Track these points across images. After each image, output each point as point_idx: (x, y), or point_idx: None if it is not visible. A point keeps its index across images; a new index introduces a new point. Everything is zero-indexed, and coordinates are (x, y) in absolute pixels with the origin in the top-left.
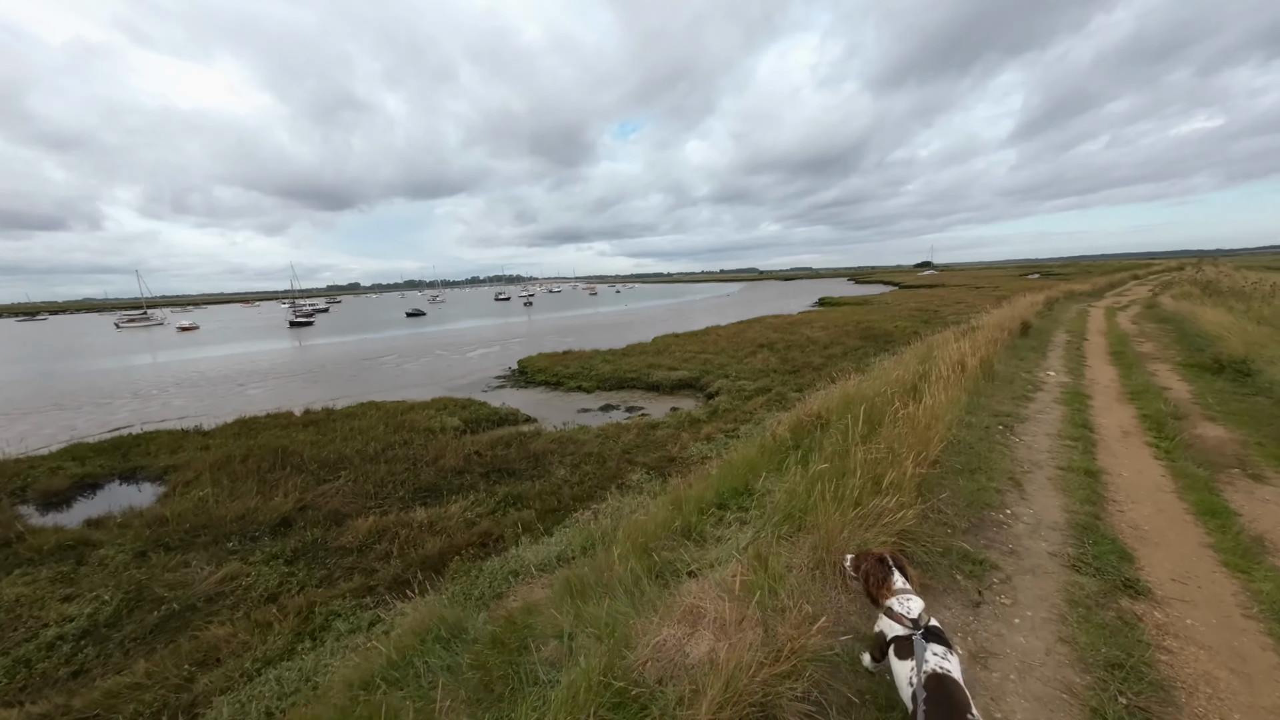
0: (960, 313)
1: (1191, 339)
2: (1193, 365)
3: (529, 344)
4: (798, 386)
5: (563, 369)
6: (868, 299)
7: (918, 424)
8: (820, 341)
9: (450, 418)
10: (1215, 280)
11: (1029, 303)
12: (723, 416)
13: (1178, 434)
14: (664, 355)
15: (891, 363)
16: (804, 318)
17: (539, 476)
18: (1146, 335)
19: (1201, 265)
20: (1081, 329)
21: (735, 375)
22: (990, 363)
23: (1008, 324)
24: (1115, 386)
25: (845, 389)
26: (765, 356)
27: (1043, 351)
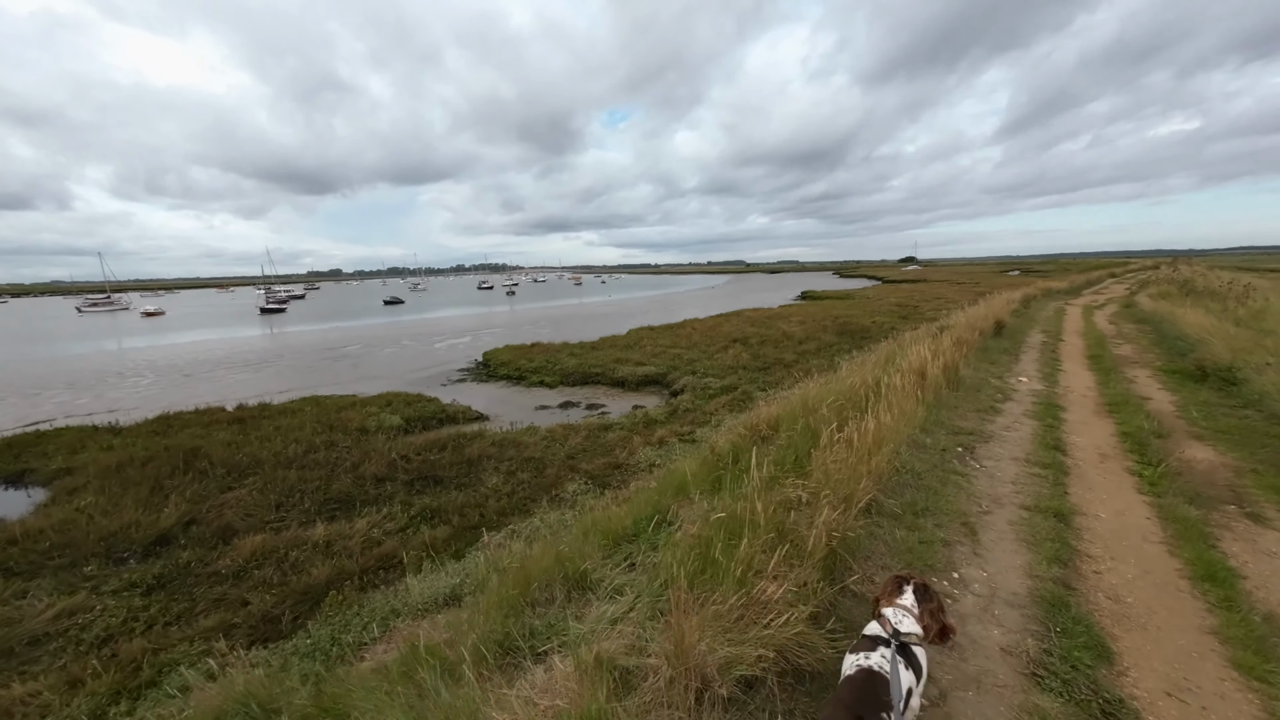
0: (940, 308)
1: (1171, 342)
2: (1175, 372)
3: (503, 335)
4: (764, 385)
5: (526, 363)
6: (850, 293)
7: (858, 449)
8: (795, 337)
9: (391, 416)
10: (1191, 279)
11: (1005, 300)
12: (681, 418)
13: (1163, 458)
14: (634, 349)
15: (852, 366)
16: (784, 311)
17: (468, 485)
18: (1125, 336)
19: (1177, 265)
20: (1058, 329)
21: (703, 372)
22: (955, 368)
23: (981, 323)
24: (1092, 396)
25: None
26: (737, 352)
27: (1016, 354)
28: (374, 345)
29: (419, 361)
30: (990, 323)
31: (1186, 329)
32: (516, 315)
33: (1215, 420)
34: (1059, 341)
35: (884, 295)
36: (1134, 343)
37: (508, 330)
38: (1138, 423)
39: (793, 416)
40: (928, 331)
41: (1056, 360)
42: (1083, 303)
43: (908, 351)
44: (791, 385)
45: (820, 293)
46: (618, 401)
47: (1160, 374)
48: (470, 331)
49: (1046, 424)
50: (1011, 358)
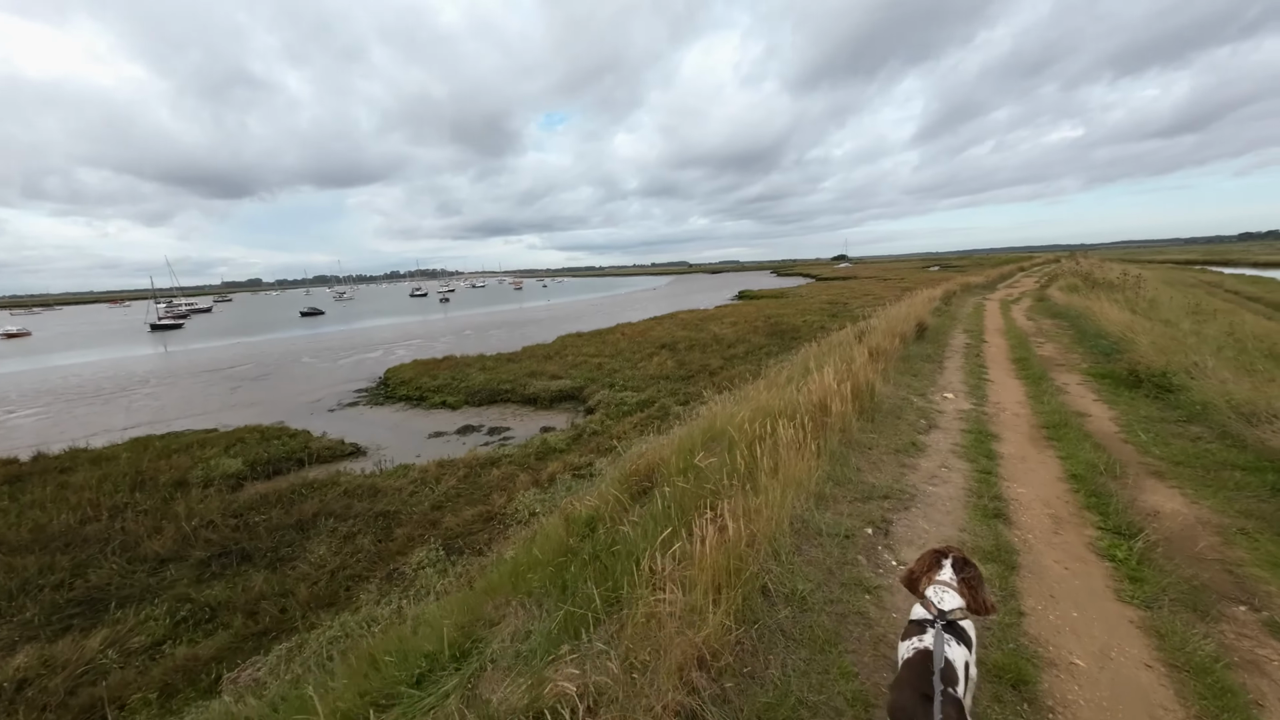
0: (868, 305)
1: (1093, 340)
2: (1105, 376)
3: (421, 347)
4: (686, 398)
5: (430, 381)
6: (784, 292)
7: (701, 583)
8: (726, 340)
9: (230, 460)
10: (1091, 272)
11: (927, 298)
12: (585, 444)
13: (1134, 529)
14: (555, 360)
15: (766, 382)
16: (718, 313)
17: (287, 559)
18: (1045, 334)
19: (1075, 258)
20: (979, 327)
21: (622, 384)
22: (870, 390)
23: (902, 326)
24: (1026, 415)
25: (707, 422)
26: (662, 360)
27: (939, 360)
28: (270, 364)
29: (313, 383)
30: (912, 325)
31: (1106, 325)
32: (445, 324)
33: (1167, 444)
34: (982, 342)
35: (817, 293)
36: (1055, 341)
37: (427, 342)
38: (1085, 456)
39: (682, 456)
40: (850, 335)
41: (982, 367)
42: (999, 297)
43: (814, 374)
44: (712, 397)
45: (757, 292)
46: (526, 422)
47: (1090, 379)
48: (387, 344)
49: (980, 468)
50: (935, 365)
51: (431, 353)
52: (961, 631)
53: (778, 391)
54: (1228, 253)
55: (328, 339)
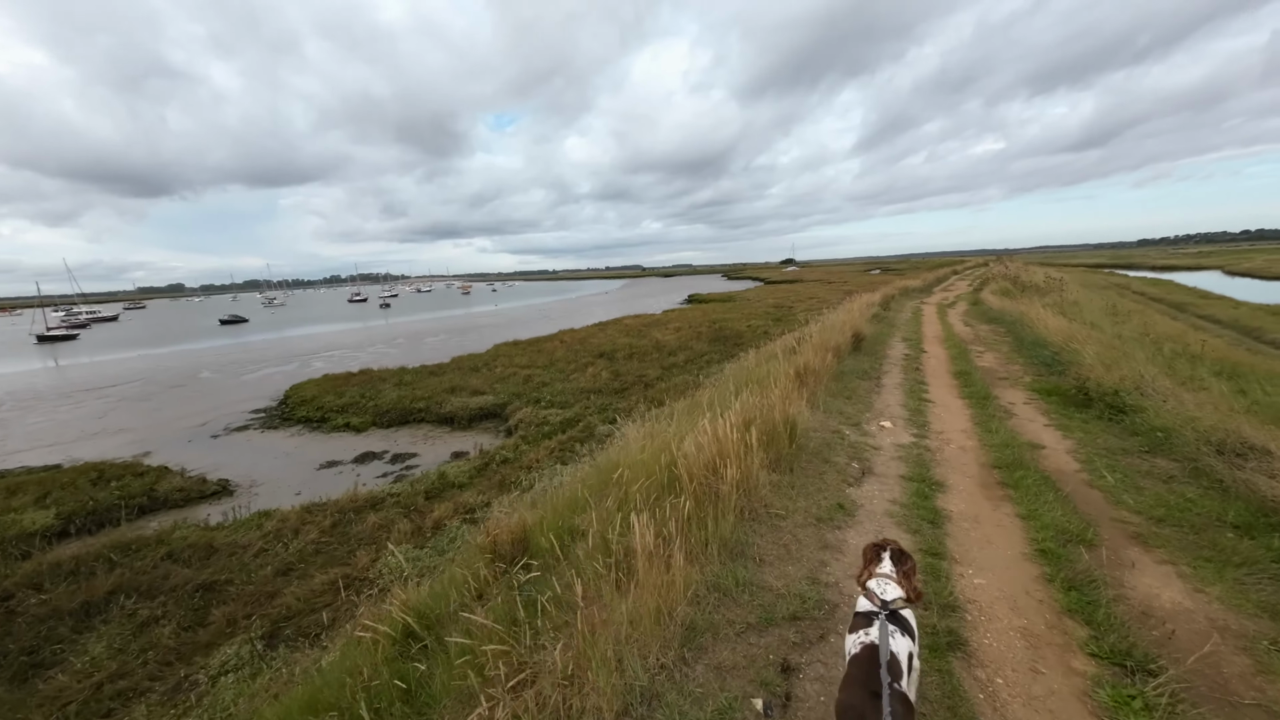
0: (811, 308)
1: (1032, 348)
2: (1051, 393)
3: (341, 359)
4: (615, 415)
5: (335, 399)
6: (732, 296)
7: None
8: (668, 347)
9: (39, 512)
10: (1019, 275)
11: (866, 304)
12: (489, 477)
13: (1135, 650)
14: (481, 373)
15: (688, 409)
16: (665, 318)
17: (45, 664)
18: (984, 341)
19: (1003, 261)
20: (918, 335)
21: (549, 399)
22: (791, 430)
23: (838, 337)
24: (974, 449)
25: (599, 467)
26: (598, 370)
27: (877, 377)
28: (163, 381)
29: (205, 403)
30: (848, 336)
31: (1044, 333)
32: (380, 332)
33: (1139, 490)
34: (921, 352)
35: (763, 296)
36: (994, 349)
37: (352, 352)
38: (1050, 516)
39: (560, 516)
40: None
41: (922, 383)
42: (935, 301)
43: (716, 418)
44: (640, 414)
45: (706, 296)
46: (437, 446)
47: (1037, 396)
48: (306, 356)
49: (926, 544)
50: (872, 384)
51: (355, 364)
52: (905, 621)
53: (690, 420)
54: (1130, 257)
55: (242, 350)
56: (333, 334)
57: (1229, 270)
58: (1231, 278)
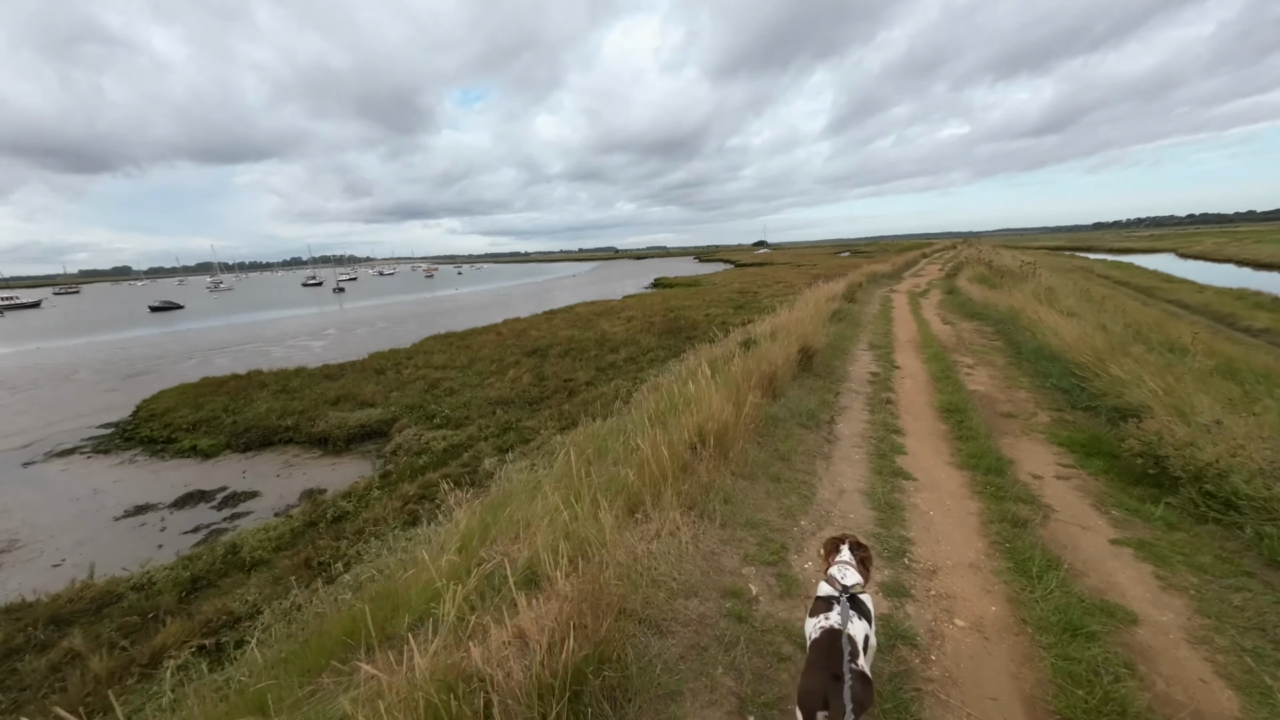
0: (778, 293)
1: (1036, 361)
2: (1093, 452)
3: (252, 354)
4: (517, 437)
5: (190, 413)
6: (699, 280)
7: None
8: (612, 341)
9: None
10: (991, 259)
11: (827, 296)
12: (302, 547)
13: None
14: (386, 376)
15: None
16: (622, 305)
17: None
18: (971, 348)
19: (970, 244)
20: (888, 338)
21: (447, 413)
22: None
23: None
24: (1011, 648)
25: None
26: (520, 373)
27: (828, 423)
28: (18, 384)
29: (50, 413)
30: (792, 351)
31: (1052, 343)
32: (318, 320)
33: None
34: (893, 369)
35: (730, 281)
36: (987, 361)
37: (268, 346)
38: None
39: None
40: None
41: (895, 433)
42: (906, 288)
43: None
44: (543, 442)
45: (672, 280)
46: (293, 479)
47: (1076, 465)
48: (215, 350)
49: None
50: (819, 437)
51: (265, 360)
52: (862, 605)
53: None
54: (1087, 240)
55: (154, 343)
56: (268, 322)
57: (1181, 253)
58: (1184, 260)
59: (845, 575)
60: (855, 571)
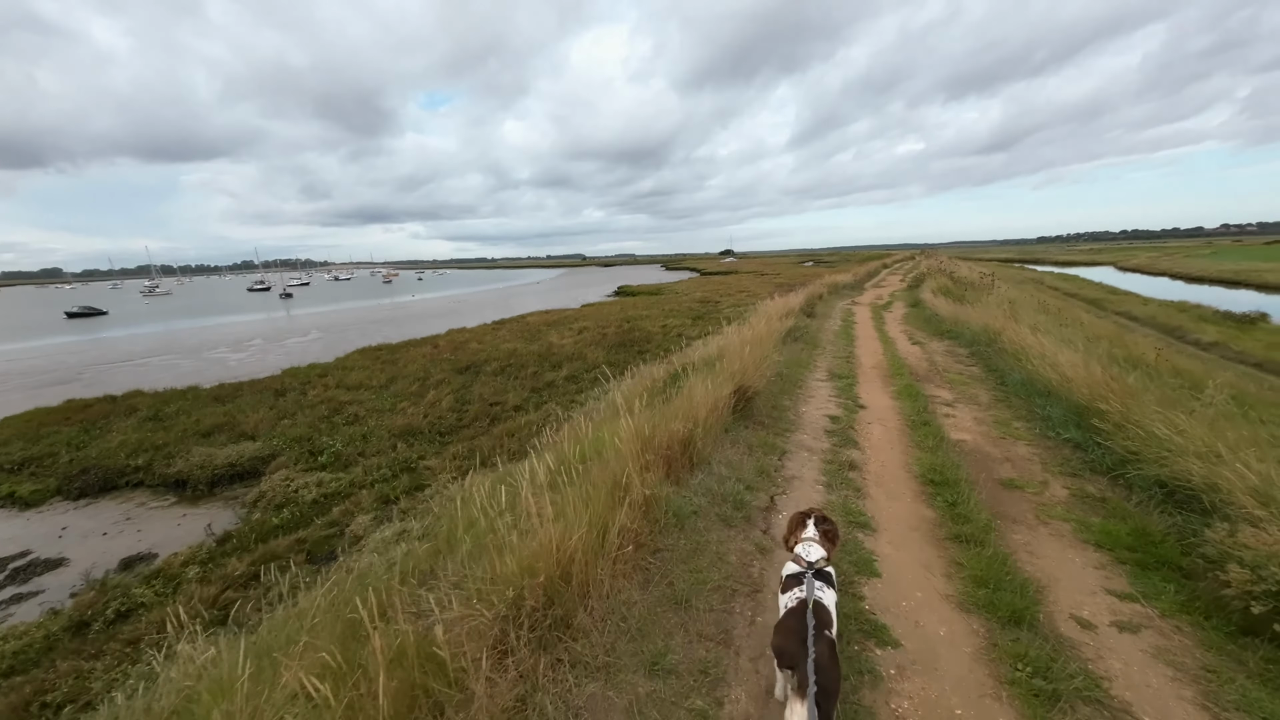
0: (740, 302)
1: (1027, 397)
2: (1148, 561)
3: (153, 371)
4: (413, 483)
5: (25, 447)
6: (662, 288)
7: None
8: (557, 355)
9: None
10: (952, 270)
11: (782, 312)
12: (53, 663)
13: None
14: (286, 398)
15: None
16: (577, 314)
17: None
18: (946, 376)
19: (930, 254)
20: (850, 364)
21: (338, 449)
22: None
23: (716, 395)
24: None
25: None
26: (441, 395)
27: (770, 490)
28: None
29: None
30: (725, 393)
31: (1046, 375)
32: (253, 328)
33: None
34: (855, 410)
35: (693, 289)
36: (968, 396)
37: (180, 359)
38: None
39: None
40: (639, 392)
41: (859, 519)
42: (869, 300)
43: None
44: (439, 488)
45: (635, 288)
46: (128, 536)
47: (1139, 599)
48: (114, 365)
49: None
50: (752, 540)
51: (170, 376)
52: (829, 577)
53: None
54: (1034, 252)
55: (49, 354)
56: (196, 330)
57: (1120, 266)
58: (1123, 273)
59: (810, 551)
60: (819, 546)
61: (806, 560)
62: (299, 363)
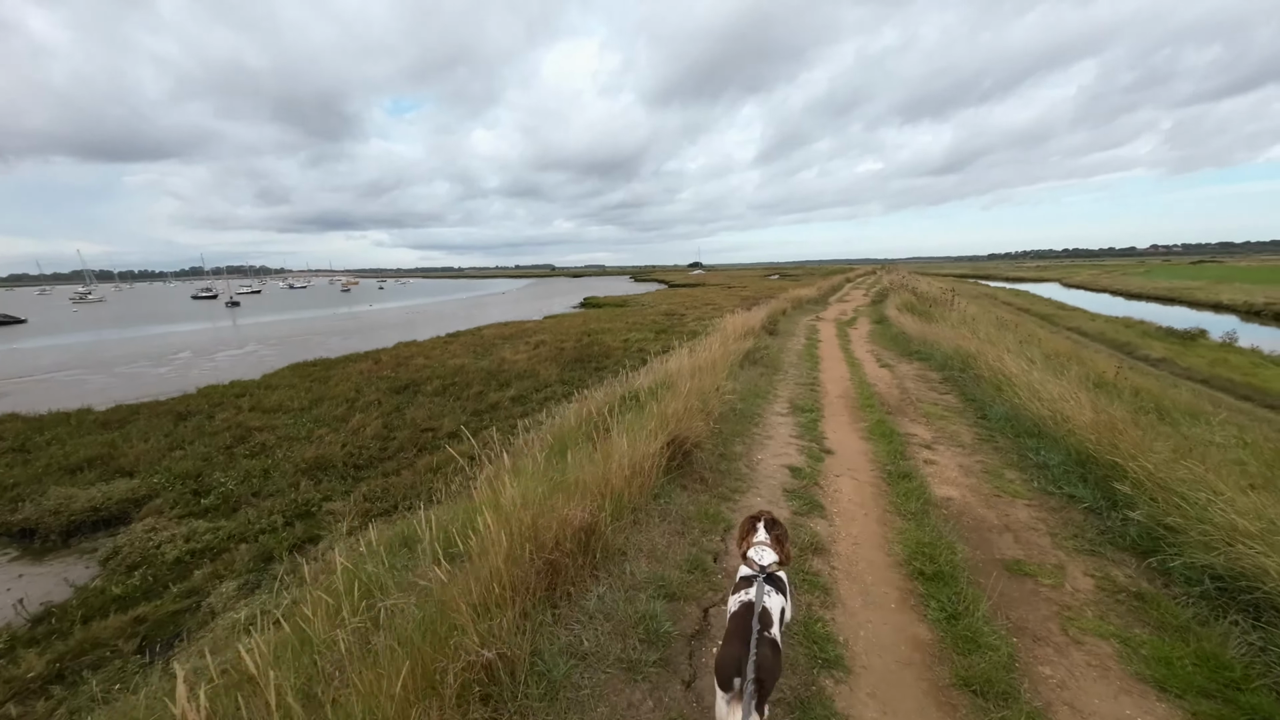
0: (706, 315)
1: (1009, 432)
2: (1229, 712)
3: (51, 390)
4: (306, 532)
5: None
6: (629, 299)
7: None
8: (507, 373)
9: None
10: (915, 286)
11: (742, 330)
12: None
13: None
14: (187, 424)
15: None
16: (538, 326)
17: None
18: (920, 406)
19: (891, 269)
20: (813, 391)
21: (230, 487)
22: None
23: (647, 447)
24: None
25: None
26: (368, 420)
27: (701, 602)
28: None
29: None
30: (655, 448)
31: (1032, 408)
32: (181, 340)
33: None
34: (821, 459)
35: (659, 302)
36: (949, 436)
37: (86, 375)
38: None
39: None
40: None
41: (828, 656)
42: (833, 315)
43: None
44: (330, 543)
45: (601, 299)
46: None
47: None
48: (8, 380)
49: None
50: (668, 711)
51: (79, 392)
52: (780, 582)
53: None
54: (986, 268)
55: None
56: (123, 341)
57: (1065, 282)
58: (1068, 289)
59: (762, 556)
60: (771, 550)
61: (759, 564)
62: (223, 379)
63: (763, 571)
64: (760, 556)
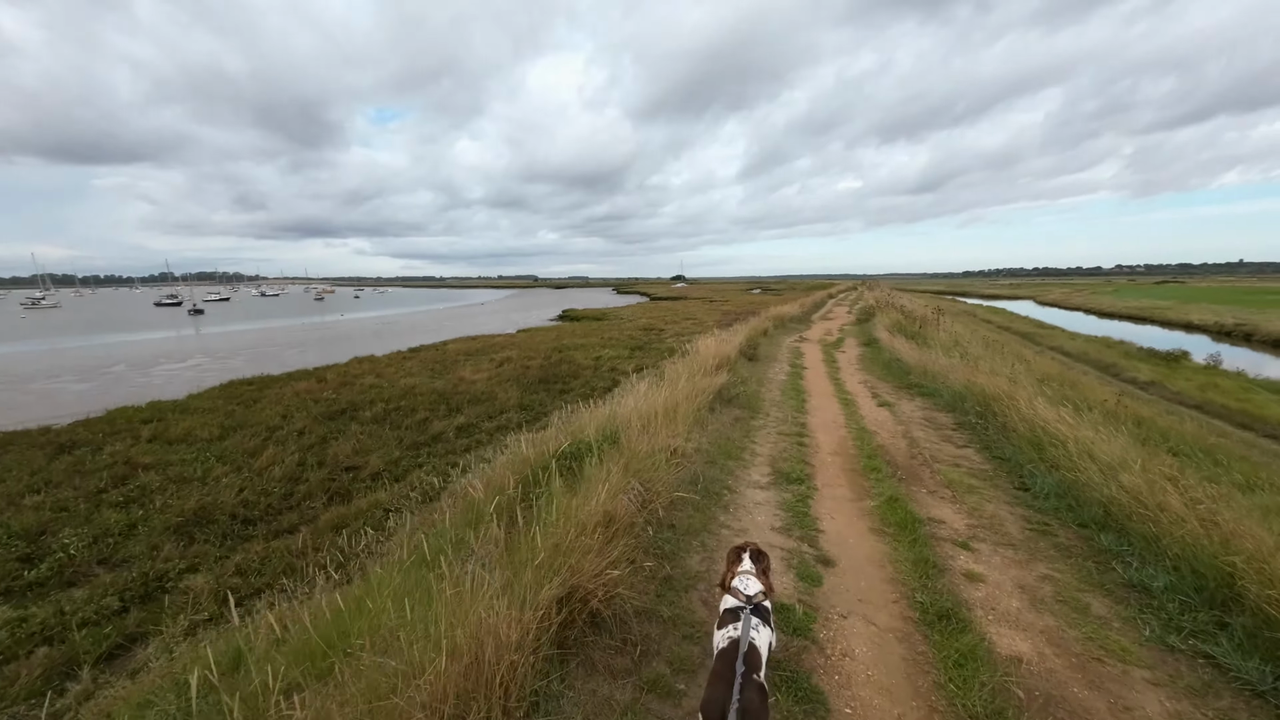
0: (685, 330)
1: (1067, 517)
2: None
3: None
4: (135, 622)
5: None
6: (607, 313)
7: None
8: (461, 395)
9: None
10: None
11: (714, 363)
12: None
13: None
14: (64, 459)
15: None
16: (508, 340)
17: None
18: (936, 466)
19: (870, 285)
20: (801, 445)
21: (71, 552)
22: None
23: (589, 516)
24: None
25: None
26: (282, 454)
27: None
28: None
29: None
30: (544, 609)
31: (1094, 483)
32: (123, 352)
33: None
34: (818, 580)
35: (639, 315)
36: (988, 520)
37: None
38: None
39: None
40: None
41: None
42: (818, 336)
43: None
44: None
45: (580, 312)
46: None
47: None
48: None
49: None
50: None
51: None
52: (766, 613)
53: None
54: (962, 285)
55: None
56: (58, 351)
57: (1039, 300)
58: (1043, 307)
59: (748, 586)
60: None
61: (745, 594)
62: (142, 399)
63: (749, 602)
64: (745, 586)
